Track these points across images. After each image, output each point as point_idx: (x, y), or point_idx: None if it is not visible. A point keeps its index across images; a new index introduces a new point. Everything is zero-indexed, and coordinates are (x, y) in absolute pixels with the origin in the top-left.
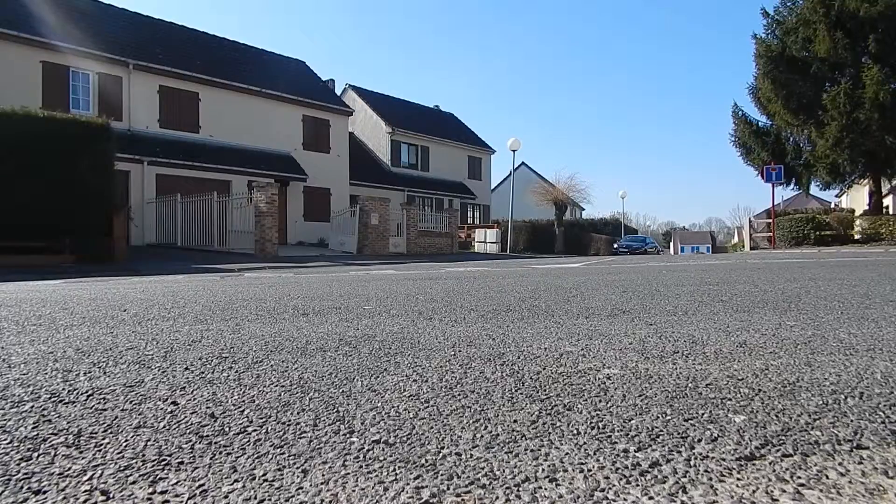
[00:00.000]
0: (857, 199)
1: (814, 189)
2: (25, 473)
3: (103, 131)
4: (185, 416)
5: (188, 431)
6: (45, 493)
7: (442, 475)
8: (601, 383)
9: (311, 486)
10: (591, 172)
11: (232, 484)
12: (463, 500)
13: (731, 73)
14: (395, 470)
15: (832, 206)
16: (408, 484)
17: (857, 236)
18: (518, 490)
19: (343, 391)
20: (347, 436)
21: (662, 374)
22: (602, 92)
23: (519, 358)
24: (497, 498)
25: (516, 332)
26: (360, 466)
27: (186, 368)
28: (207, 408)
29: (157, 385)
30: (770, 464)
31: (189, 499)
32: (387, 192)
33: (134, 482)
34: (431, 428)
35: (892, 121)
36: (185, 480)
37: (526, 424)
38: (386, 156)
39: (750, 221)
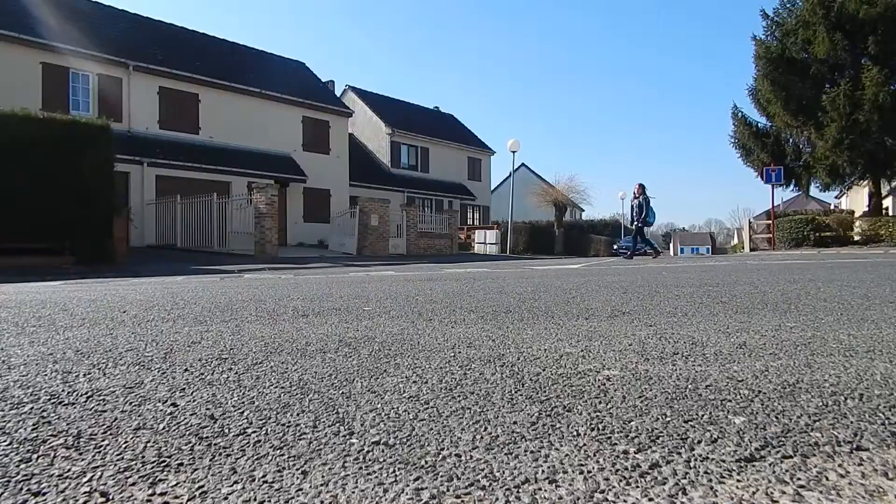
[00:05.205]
0: (856, 200)
1: (813, 190)
2: (25, 475)
3: (103, 132)
4: (185, 418)
5: (188, 433)
6: (44, 494)
7: (442, 476)
8: (601, 385)
9: (310, 487)
10: (590, 173)
11: (231, 485)
12: (463, 501)
13: (730, 74)
14: (394, 471)
15: (832, 207)
16: (407, 485)
17: (856, 238)
18: (518, 491)
19: (343, 392)
20: (347, 437)
21: (662, 376)
22: (602, 93)
23: (519, 359)
24: (497, 499)
25: (516, 334)
26: (360, 468)
27: (186, 370)
28: (207, 409)
29: (156, 386)
30: (770, 465)
31: (189, 500)
32: (386, 194)
33: (133, 484)
34: (431, 429)
35: (891, 122)
36: (184, 482)
37: (526, 426)
38: (386, 157)
39: (749, 223)
